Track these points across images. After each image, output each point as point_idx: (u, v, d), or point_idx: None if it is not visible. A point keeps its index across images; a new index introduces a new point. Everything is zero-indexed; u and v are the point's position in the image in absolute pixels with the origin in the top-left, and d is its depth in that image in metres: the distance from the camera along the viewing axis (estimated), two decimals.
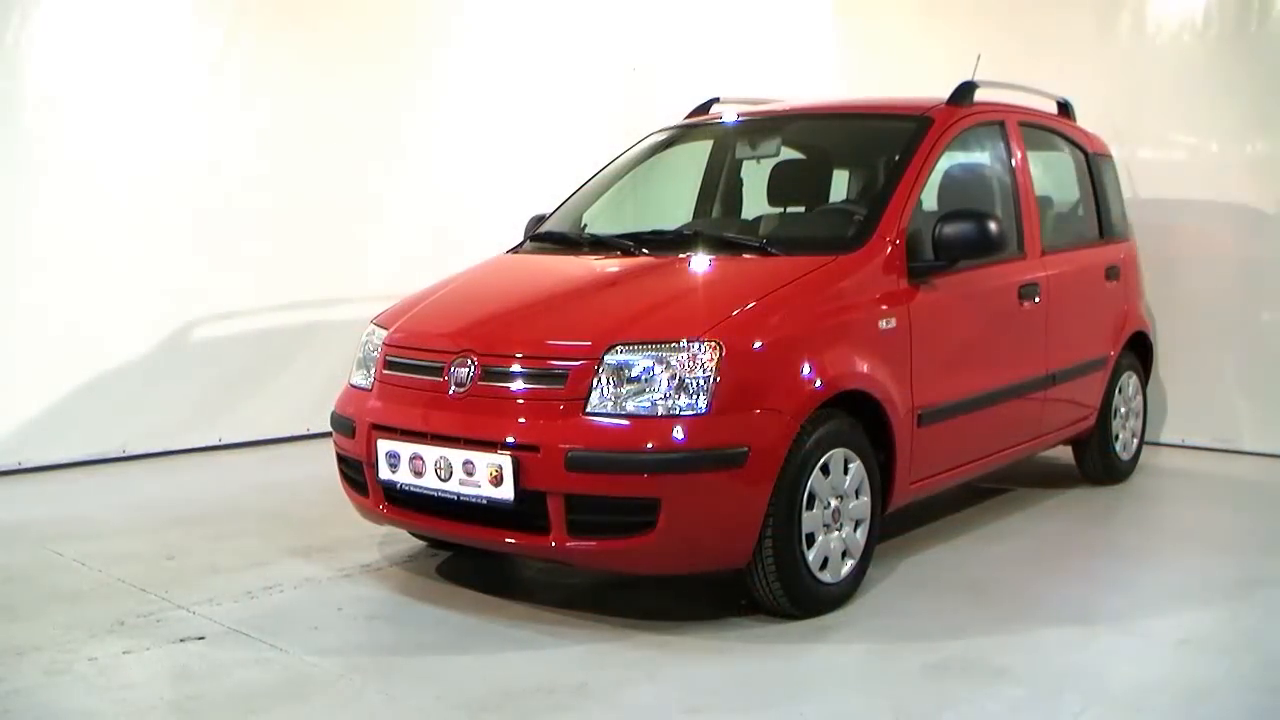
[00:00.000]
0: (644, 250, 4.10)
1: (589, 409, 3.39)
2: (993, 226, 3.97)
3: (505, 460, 3.41)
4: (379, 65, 6.70)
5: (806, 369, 3.54)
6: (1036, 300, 4.57)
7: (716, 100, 5.16)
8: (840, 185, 4.82)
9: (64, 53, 5.63)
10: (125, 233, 5.86)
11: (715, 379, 3.35)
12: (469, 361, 3.62)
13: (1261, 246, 5.87)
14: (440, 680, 3.20)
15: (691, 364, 3.37)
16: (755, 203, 4.91)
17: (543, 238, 4.56)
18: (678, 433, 3.32)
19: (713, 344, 3.39)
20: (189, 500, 5.16)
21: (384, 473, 3.72)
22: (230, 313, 6.27)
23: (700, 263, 3.96)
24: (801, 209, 4.65)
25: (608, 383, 3.40)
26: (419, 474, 3.62)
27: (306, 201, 6.45)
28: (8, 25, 5.45)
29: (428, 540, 4.28)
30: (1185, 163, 6.07)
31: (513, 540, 3.53)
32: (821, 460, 3.55)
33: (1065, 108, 5.39)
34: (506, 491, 3.42)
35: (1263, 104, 5.79)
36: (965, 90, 4.52)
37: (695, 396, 3.35)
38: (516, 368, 3.54)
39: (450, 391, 3.63)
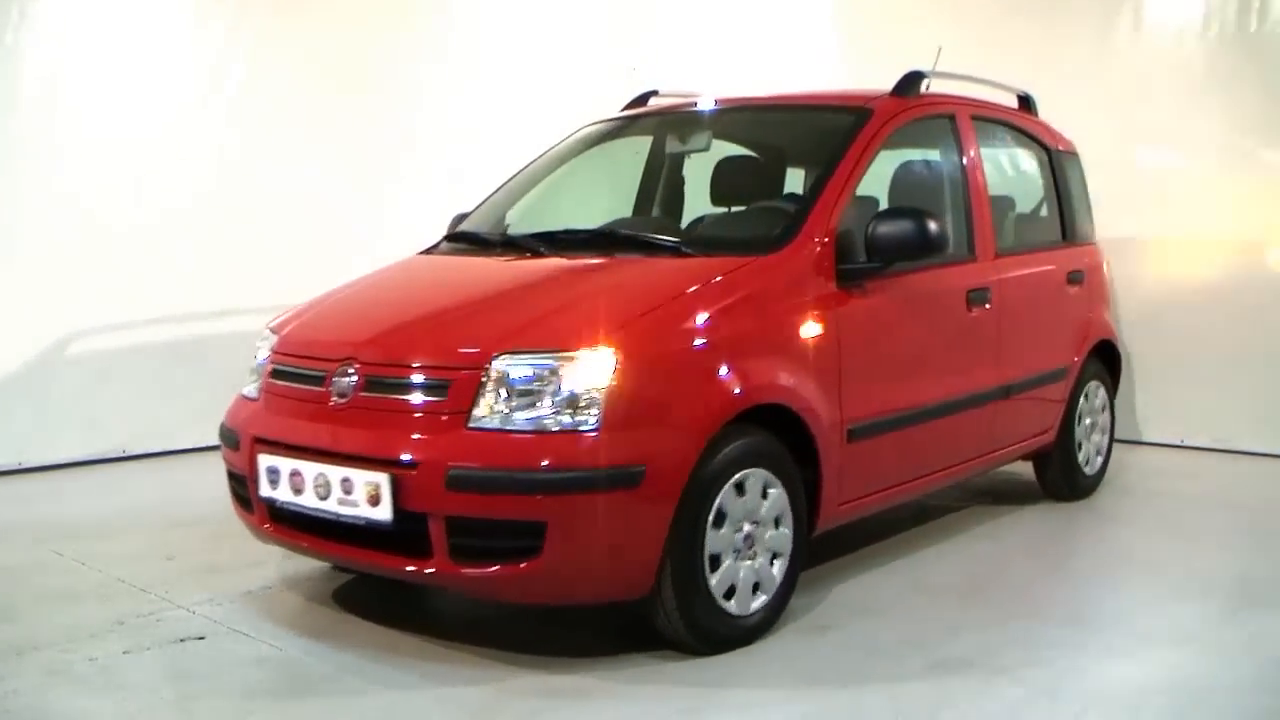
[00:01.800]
0: (555, 251, 3.81)
1: (472, 423, 3.10)
2: (932, 226, 3.66)
3: (383, 478, 3.12)
4: (375, 65, 6.65)
5: (715, 380, 3.24)
6: (987, 306, 4.26)
7: (655, 93, 4.85)
8: (792, 183, 4.52)
9: (57, 54, 5.64)
10: (125, 233, 5.84)
11: (610, 391, 3.06)
12: (351, 370, 3.34)
13: (1253, 246, 5.82)
14: (439, 680, 3.14)
15: (584, 374, 3.07)
16: (700, 201, 4.62)
17: (457, 237, 4.27)
18: (566, 449, 3.02)
19: (608, 352, 3.10)
20: (189, 500, 5.04)
21: (264, 489, 3.45)
22: (229, 312, 6.16)
23: (611, 265, 3.65)
24: (744, 208, 4.34)
25: (494, 394, 3.11)
26: (298, 491, 3.34)
27: (302, 202, 6.40)
28: None
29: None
30: (1177, 160, 5.99)
31: (393, 565, 3.24)
32: (734, 480, 3.25)
33: (1026, 102, 5.07)
34: (384, 512, 3.14)
35: (1252, 102, 5.70)
36: (911, 80, 4.22)
37: (587, 410, 3.05)
38: (399, 377, 3.26)
39: (331, 403, 3.35)
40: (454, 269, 3.99)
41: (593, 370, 3.08)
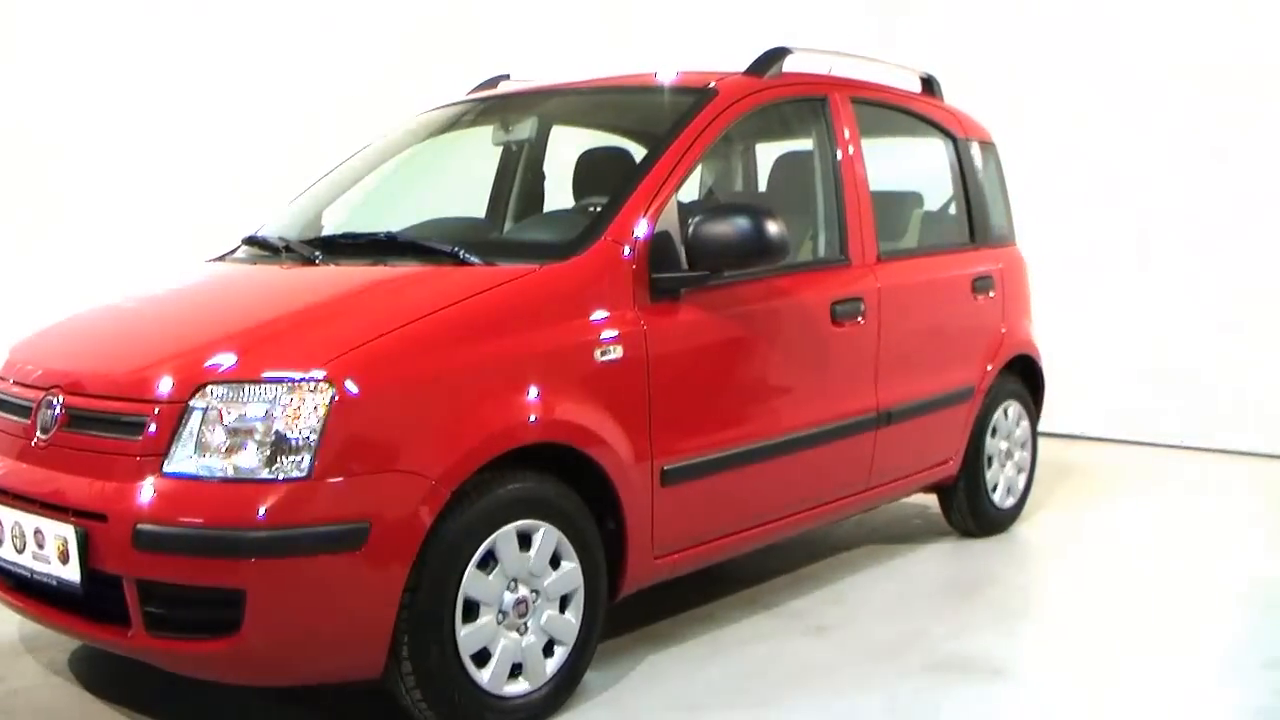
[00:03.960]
0: (331, 258, 3.26)
1: (168, 468, 2.57)
2: (770, 227, 3.09)
3: (70, 531, 2.61)
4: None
5: (468, 416, 2.68)
6: (860, 320, 3.67)
7: (506, 77, 4.29)
8: None
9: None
10: (121, 232, 5.69)
11: (327, 430, 2.51)
12: (54, 402, 2.82)
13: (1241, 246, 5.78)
14: None
15: (297, 409, 2.53)
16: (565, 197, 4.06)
17: (250, 241, 3.72)
18: (268, 502, 2.48)
19: (322, 383, 2.55)
20: None
21: None
22: None
23: (375, 275, 3.09)
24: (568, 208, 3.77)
25: (194, 434, 2.57)
26: None
27: None
28: None
29: None
30: (1170, 154, 5.93)
31: (92, 633, 2.72)
32: (496, 535, 2.71)
33: (929, 84, 4.46)
34: (73, 571, 2.62)
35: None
36: (770, 58, 3.65)
37: (299, 453, 2.51)
38: (98, 411, 2.73)
39: (35, 439, 2.84)
40: (215, 281, 3.43)
41: (307, 405, 2.53)
